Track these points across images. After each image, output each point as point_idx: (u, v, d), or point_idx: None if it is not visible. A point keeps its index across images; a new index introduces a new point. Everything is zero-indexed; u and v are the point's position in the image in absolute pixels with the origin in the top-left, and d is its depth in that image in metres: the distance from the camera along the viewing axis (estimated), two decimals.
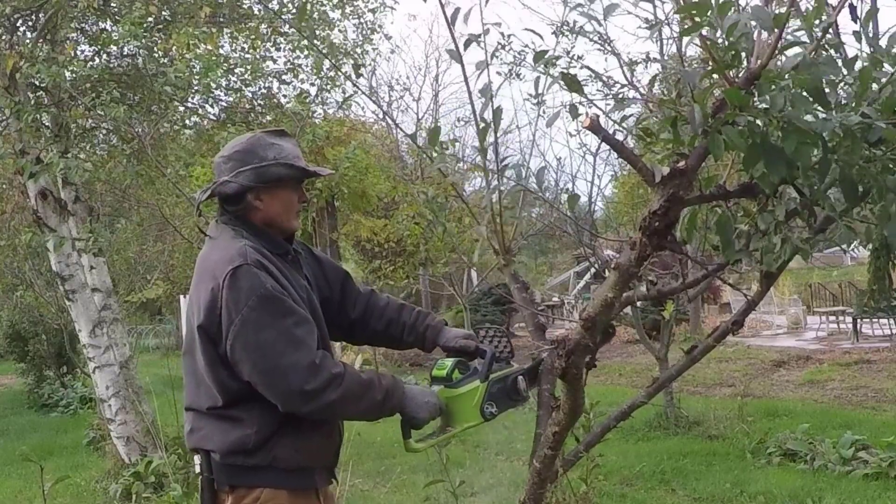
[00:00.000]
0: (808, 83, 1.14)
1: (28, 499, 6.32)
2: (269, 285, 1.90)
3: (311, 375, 1.86)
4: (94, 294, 6.53)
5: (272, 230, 2.09)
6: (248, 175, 2.03)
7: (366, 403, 1.95)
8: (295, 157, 2.08)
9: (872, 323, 13.40)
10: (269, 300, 1.89)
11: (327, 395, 1.88)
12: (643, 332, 7.72)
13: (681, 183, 1.29)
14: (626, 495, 5.40)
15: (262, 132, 2.16)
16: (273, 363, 1.86)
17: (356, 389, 1.93)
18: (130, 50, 6.56)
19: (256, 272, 1.91)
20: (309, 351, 1.89)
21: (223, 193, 2.06)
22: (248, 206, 2.06)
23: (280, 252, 2.06)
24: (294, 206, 2.12)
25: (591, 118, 1.33)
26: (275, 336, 1.87)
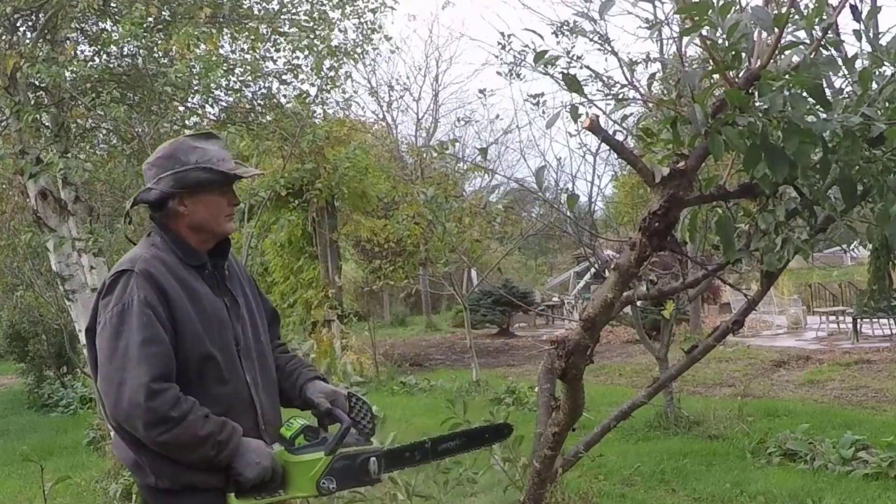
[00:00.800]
0: (807, 83, 1.14)
1: (28, 499, 6.32)
2: (139, 296, 1.87)
3: (147, 398, 1.79)
4: (94, 294, 6.53)
5: (201, 235, 2.05)
6: (168, 181, 2.00)
7: (196, 456, 1.87)
8: (219, 160, 2.03)
9: (872, 323, 13.40)
10: (131, 311, 1.85)
11: (155, 433, 1.81)
12: (643, 332, 7.72)
13: (680, 183, 1.28)
14: (626, 495, 5.40)
15: (187, 136, 2.13)
16: (113, 373, 1.83)
17: (188, 441, 1.84)
18: (130, 50, 6.57)
19: (135, 281, 1.89)
20: (148, 372, 1.81)
21: (146, 200, 2.04)
22: (171, 213, 2.02)
23: (194, 264, 2.02)
24: (222, 210, 2.07)
25: (591, 119, 1.33)
26: (123, 347, 1.83)
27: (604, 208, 14.94)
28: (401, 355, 14.31)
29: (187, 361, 1.91)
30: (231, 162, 2.08)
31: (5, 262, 10.02)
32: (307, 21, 7.37)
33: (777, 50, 1.17)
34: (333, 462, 1.93)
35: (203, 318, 1.96)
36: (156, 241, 2.01)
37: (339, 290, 12.81)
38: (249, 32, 7.02)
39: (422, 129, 23.30)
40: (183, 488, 1.91)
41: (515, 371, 12.26)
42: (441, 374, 12.34)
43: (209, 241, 2.07)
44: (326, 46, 7.10)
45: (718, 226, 1.42)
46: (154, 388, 1.80)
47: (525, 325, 20.67)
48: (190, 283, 1.97)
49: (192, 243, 2.04)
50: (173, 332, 1.90)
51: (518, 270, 26.28)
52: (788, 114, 1.14)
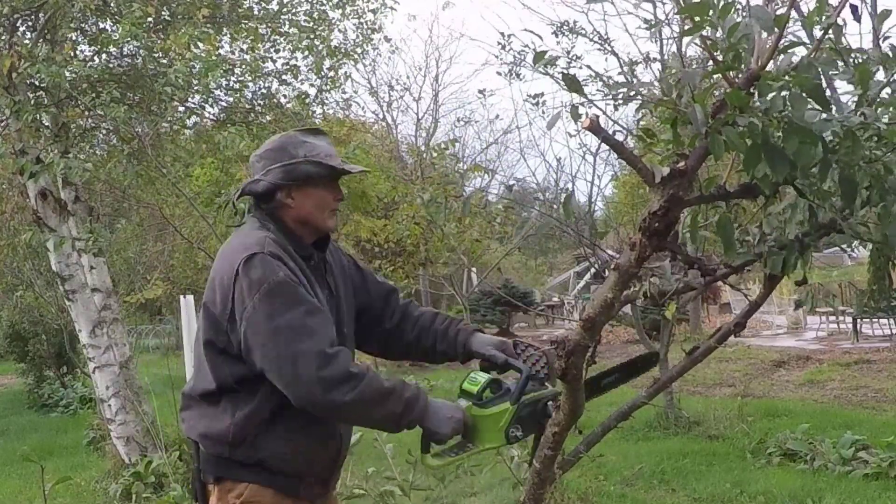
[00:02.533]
0: (807, 84, 1.14)
1: (28, 499, 6.32)
2: (282, 274, 1.88)
3: (323, 364, 1.80)
4: (94, 294, 6.53)
5: (305, 229, 2.07)
6: (277, 173, 2.02)
7: (382, 413, 1.86)
8: (327, 156, 2.06)
9: (872, 323, 13.40)
10: (281, 287, 1.86)
11: (339, 394, 1.80)
12: (643, 332, 7.72)
13: (681, 184, 1.28)
14: (626, 495, 5.40)
15: (296, 130, 2.16)
16: (283, 350, 1.82)
17: (373, 396, 1.84)
18: (130, 50, 6.57)
19: (271, 261, 1.89)
20: (321, 340, 1.83)
21: (254, 191, 2.06)
22: (279, 205, 2.05)
23: (303, 254, 2.04)
24: (328, 205, 2.08)
25: (591, 119, 1.33)
26: (286, 323, 1.83)
27: (604, 208, 14.94)
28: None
29: None
30: (338, 158, 2.12)
31: (5, 262, 10.01)
32: (307, 21, 7.37)
33: (777, 50, 1.17)
34: (519, 410, 1.95)
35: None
36: (270, 228, 2.02)
37: None
38: (249, 33, 7.02)
39: (422, 129, 23.28)
40: (255, 463, 1.92)
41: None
42: (441, 374, 12.33)
43: (312, 236, 2.09)
44: (326, 47, 7.10)
45: (719, 226, 1.41)
46: (329, 352, 1.81)
47: (525, 326, 20.68)
48: (305, 271, 2.00)
49: (299, 235, 2.06)
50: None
51: (518, 270, 26.26)
52: (788, 114, 1.14)
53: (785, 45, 1.17)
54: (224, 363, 1.92)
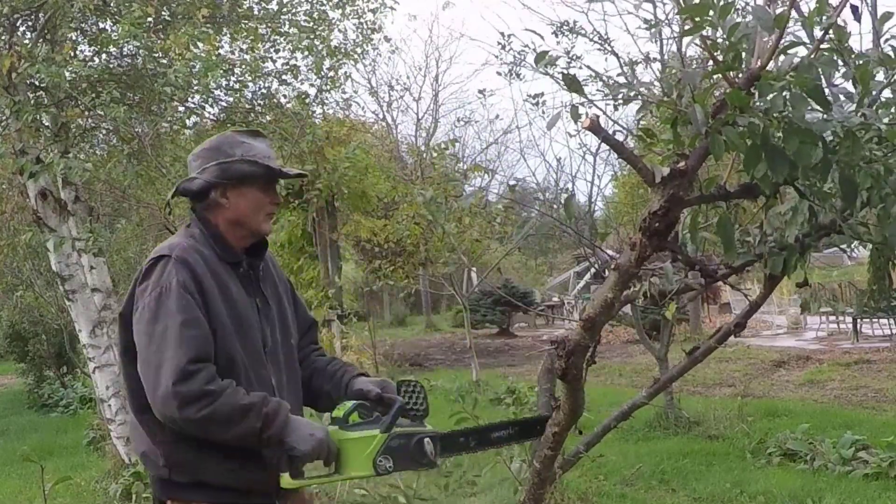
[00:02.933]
0: (807, 84, 1.14)
1: (28, 499, 6.32)
2: (177, 280, 1.85)
3: (180, 379, 1.76)
4: (94, 294, 6.53)
5: (239, 231, 2.02)
6: (213, 171, 1.99)
7: (240, 429, 1.80)
8: (265, 157, 2.03)
9: (872, 323, 13.40)
10: (169, 294, 1.84)
11: (192, 411, 1.77)
12: (643, 332, 7.72)
13: (681, 184, 1.28)
14: (626, 495, 5.40)
15: (234, 131, 2.13)
16: (151, 357, 1.81)
17: (230, 413, 1.79)
18: (130, 50, 6.56)
19: (173, 266, 1.87)
20: (185, 353, 1.79)
21: (189, 190, 2.02)
22: (213, 204, 2.01)
23: (230, 261, 2.00)
24: (264, 208, 2.04)
25: (591, 119, 1.33)
26: (161, 330, 1.81)
27: (604, 208, 14.95)
28: (401, 355, 14.31)
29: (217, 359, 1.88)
30: (276, 161, 2.08)
31: (5, 262, 10.01)
32: (307, 21, 7.37)
33: (777, 50, 1.17)
34: (389, 440, 1.87)
35: (233, 315, 1.93)
36: (194, 232, 2.00)
37: (339, 290, 12.80)
38: (248, 32, 7.03)
39: (422, 129, 23.30)
40: (197, 483, 1.88)
41: (515, 371, 12.26)
42: (441, 374, 12.34)
43: (247, 239, 2.05)
44: (326, 47, 7.10)
45: (719, 226, 1.41)
46: (190, 368, 1.78)
47: (525, 325, 20.68)
48: (224, 279, 1.96)
49: (231, 239, 2.02)
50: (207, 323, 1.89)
51: (518, 270, 26.28)
52: (789, 114, 1.14)
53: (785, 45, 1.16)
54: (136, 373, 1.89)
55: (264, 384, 1.95)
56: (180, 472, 1.88)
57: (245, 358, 1.93)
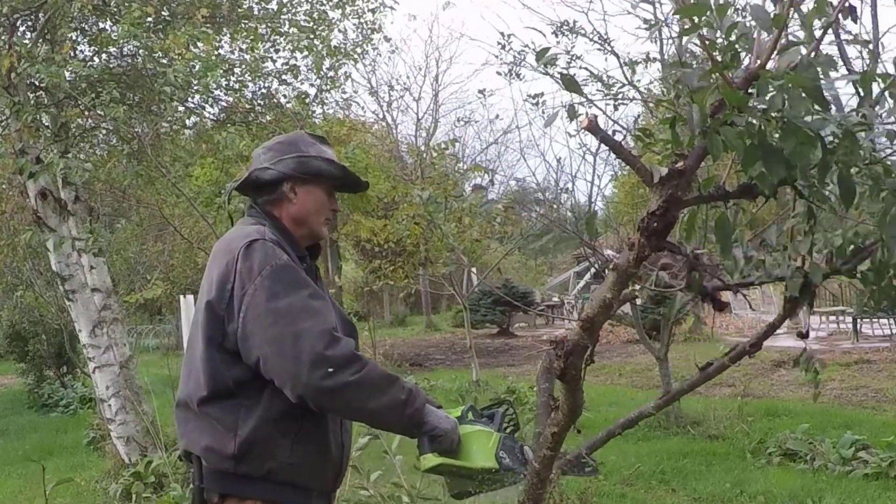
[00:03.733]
0: (805, 83, 1.14)
1: (28, 499, 6.32)
2: (285, 258, 1.83)
3: (329, 344, 1.71)
4: (94, 294, 6.53)
5: (301, 230, 2.01)
6: (289, 163, 1.99)
7: (388, 399, 1.76)
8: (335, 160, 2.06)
9: (872, 323, 13.41)
10: (284, 270, 1.80)
11: (344, 374, 1.70)
12: (643, 332, 7.72)
13: (679, 184, 1.28)
14: (626, 495, 5.40)
15: (308, 132, 2.15)
16: (285, 329, 1.72)
17: (378, 380, 1.75)
18: (130, 50, 6.57)
19: (272, 246, 1.84)
20: (325, 321, 1.75)
21: (260, 179, 2.00)
22: (280, 197, 1.99)
23: (297, 255, 1.95)
24: (325, 210, 2.04)
25: (589, 119, 1.33)
26: (288, 304, 1.75)
27: (604, 208, 14.94)
28: (401, 355, 14.32)
29: None
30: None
31: (5, 262, 10.02)
32: (307, 21, 7.38)
33: (776, 49, 1.17)
34: (504, 439, 1.93)
35: None
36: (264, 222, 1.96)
37: (339, 290, 12.81)
38: (248, 32, 7.03)
39: (422, 129, 23.30)
40: (261, 477, 1.83)
41: (515, 371, 12.26)
42: (441, 374, 12.34)
43: (305, 239, 2.03)
44: (326, 47, 7.11)
45: (717, 227, 1.41)
46: (336, 334, 1.75)
47: (525, 325, 20.68)
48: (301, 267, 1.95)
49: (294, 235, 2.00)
50: None
51: (518, 270, 26.29)
52: (786, 113, 1.14)
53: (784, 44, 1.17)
54: (223, 364, 1.82)
55: None
56: (248, 463, 1.81)
57: None
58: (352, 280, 18.17)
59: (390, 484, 3.65)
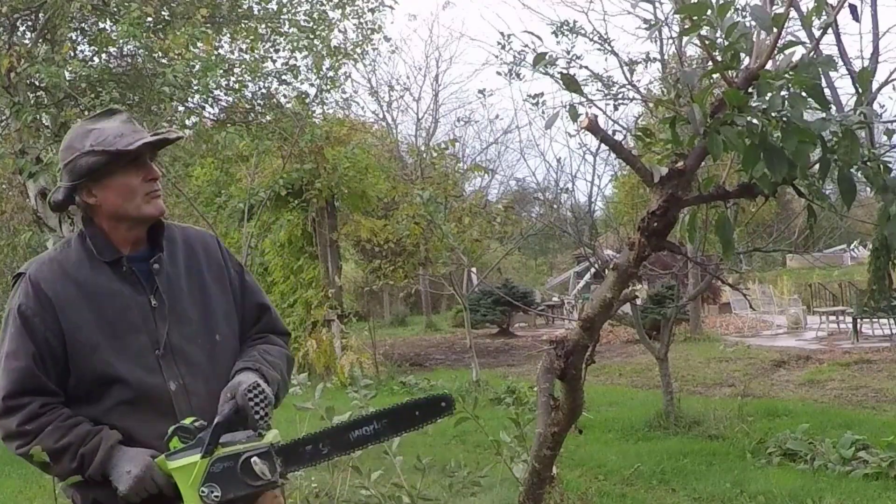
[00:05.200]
0: (806, 83, 1.14)
1: (28, 498, 6.31)
2: (17, 305, 1.76)
3: (5, 412, 1.72)
4: None
5: (123, 225, 1.82)
6: (64, 176, 1.80)
7: (61, 470, 1.74)
8: (116, 137, 1.77)
9: (872, 323, 13.40)
10: (8, 318, 1.77)
11: (12, 447, 1.74)
12: (643, 332, 7.72)
13: (679, 183, 1.28)
14: (626, 495, 5.39)
15: (85, 119, 1.92)
16: None
17: (45, 449, 1.71)
18: (130, 50, 6.57)
19: (22, 286, 1.78)
20: (4, 388, 1.73)
21: (57, 204, 1.84)
22: (86, 207, 1.82)
23: (107, 260, 1.81)
24: (136, 191, 1.80)
25: (589, 119, 1.32)
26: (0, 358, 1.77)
27: (604, 208, 14.96)
28: (401, 355, 14.31)
29: (89, 376, 1.76)
30: (132, 135, 1.79)
31: (5, 262, 10.02)
32: (307, 21, 7.38)
33: (776, 49, 1.17)
34: (211, 465, 1.68)
35: (105, 322, 1.77)
36: (72, 238, 1.87)
37: (339, 290, 12.81)
38: (248, 32, 7.04)
39: (422, 129, 23.31)
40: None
41: (515, 371, 12.25)
42: (441, 373, 12.33)
43: (135, 229, 1.83)
44: (326, 47, 7.11)
45: (718, 226, 1.41)
46: (9, 404, 1.72)
47: (525, 325, 20.68)
48: (95, 284, 1.79)
49: (116, 237, 1.82)
50: (61, 345, 1.75)
51: (518, 270, 26.29)
52: (787, 113, 1.14)
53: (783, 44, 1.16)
54: None
55: (157, 393, 1.78)
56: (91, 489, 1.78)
57: (124, 367, 1.76)
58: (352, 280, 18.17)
59: (390, 484, 3.65)
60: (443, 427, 3.18)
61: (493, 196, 21.91)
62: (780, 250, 9.67)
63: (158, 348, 1.79)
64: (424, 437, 6.39)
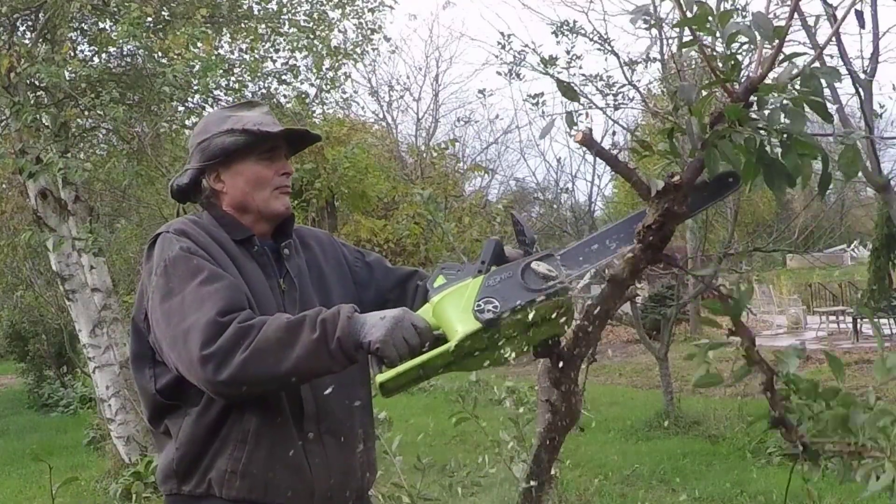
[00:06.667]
0: (805, 99, 1.14)
1: (28, 498, 6.33)
2: (178, 247, 1.59)
3: (212, 333, 1.47)
4: (94, 294, 6.54)
5: (248, 216, 1.72)
6: (196, 156, 1.72)
7: (301, 348, 1.45)
8: (255, 124, 1.70)
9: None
10: (175, 263, 1.58)
11: (234, 357, 1.45)
12: (643, 331, 7.73)
13: (675, 198, 1.27)
14: (626, 495, 5.40)
15: (222, 107, 1.86)
16: (176, 330, 1.52)
17: (275, 335, 1.46)
18: (130, 50, 6.57)
19: (171, 238, 1.62)
20: (213, 306, 1.50)
21: (180, 187, 1.75)
22: (211, 193, 1.73)
23: (239, 238, 1.70)
24: (267, 182, 1.71)
25: (583, 133, 1.31)
26: (180, 300, 1.54)
27: (604, 208, 14.96)
28: None
29: None
30: (273, 126, 1.72)
31: (5, 262, 10.02)
32: (307, 21, 7.38)
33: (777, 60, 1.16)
34: (486, 280, 1.44)
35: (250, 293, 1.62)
36: (199, 216, 1.75)
37: None
38: (248, 32, 7.03)
39: (422, 129, 23.29)
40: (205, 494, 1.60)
41: (515, 371, 12.25)
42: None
43: (259, 224, 1.73)
44: (326, 47, 7.11)
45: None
46: (220, 320, 1.48)
47: None
48: (235, 253, 1.67)
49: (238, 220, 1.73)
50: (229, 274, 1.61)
51: None
52: (787, 127, 1.13)
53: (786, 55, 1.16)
54: (152, 378, 1.65)
55: None
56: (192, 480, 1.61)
57: None
58: None
59: (390, 484, 3.65)
60: (443, 427, 3.18)
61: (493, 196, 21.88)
62: (780, 250, 9.66)
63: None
64: (424, 437, 6.40)
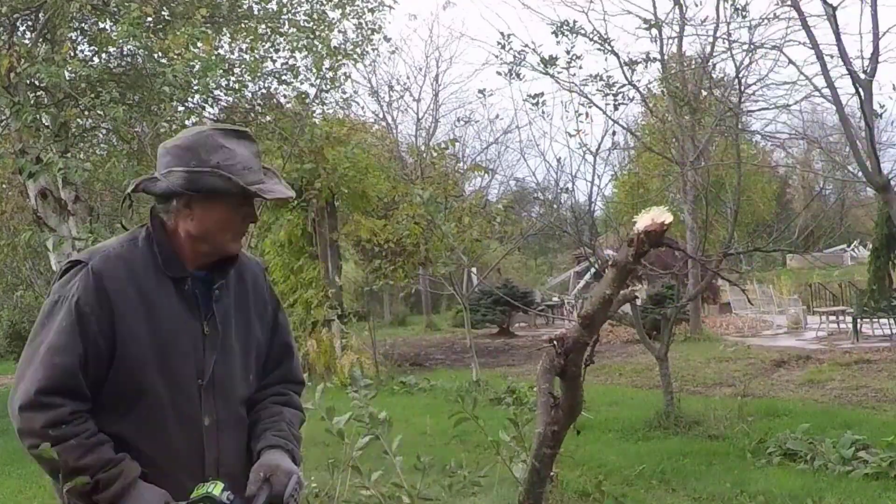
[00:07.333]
0: None
1: (28, 498, 6.32)
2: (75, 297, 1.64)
3: (28, 407, 1.61)
4: None
5: (199, 247, 1.74)
6: (179, 178, 1.70)
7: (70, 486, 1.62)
8: (244, 169, 1.71)
9: (872, 323, 13.41)
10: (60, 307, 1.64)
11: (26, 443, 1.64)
12: (643, 331, 7.73)
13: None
14: (626, 495, 5.39)
15: (216, 129, 1.79)
16: (19, 371, 1.65)
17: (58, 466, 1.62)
18: (130, 50, 6.58)
19: (83, 277, 1.65)
20: (42, 380, 1.60)
21: (151, 191, 1.75)
22: (175, 211, 1.73)
23: (172, 275, 1.73)
24: (233, 227, 1.75)
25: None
26: (33, 351, 1.65)
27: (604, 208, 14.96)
28: (401, 355, 14.32)
29: (124, 389, 1.67)
30: (258, 174, 1.75)
31: (5, 262, 10.04)
32: (307, 21, 7.39)
33: None
34: None
35: (157, 340, 1.68)
36: (138, 236, 1.75)
37: (339, 289, 12.83)
38: (248, 32, 7.04)
39: (422, 129, 23.33)
40: None
41: (515, 371, 12.25)
42: (441, 373, 12.34)
43: (207, 256, 1.77)
44: (326, 47, 7.12)
45: None
46: (43, 400, 1.60)
47: (525, 325, 20.69)
48: (154, 296, 1.70)
49: (186, 252, 1.75)
50: (109, 350, 1.65)
51: (518, 270, 26.31)
52: None
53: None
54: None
55: (191, 423, 1.72)
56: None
57: (165, 390, 1.69)
58: (352, 280, 18.18)
59: (390, 484, 3.65)
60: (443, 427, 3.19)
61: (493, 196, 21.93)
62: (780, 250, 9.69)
63: (202, 378, 1.73)
64: (424, 437, 6.39)
